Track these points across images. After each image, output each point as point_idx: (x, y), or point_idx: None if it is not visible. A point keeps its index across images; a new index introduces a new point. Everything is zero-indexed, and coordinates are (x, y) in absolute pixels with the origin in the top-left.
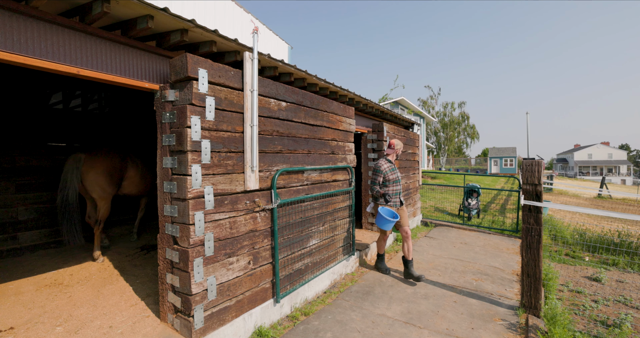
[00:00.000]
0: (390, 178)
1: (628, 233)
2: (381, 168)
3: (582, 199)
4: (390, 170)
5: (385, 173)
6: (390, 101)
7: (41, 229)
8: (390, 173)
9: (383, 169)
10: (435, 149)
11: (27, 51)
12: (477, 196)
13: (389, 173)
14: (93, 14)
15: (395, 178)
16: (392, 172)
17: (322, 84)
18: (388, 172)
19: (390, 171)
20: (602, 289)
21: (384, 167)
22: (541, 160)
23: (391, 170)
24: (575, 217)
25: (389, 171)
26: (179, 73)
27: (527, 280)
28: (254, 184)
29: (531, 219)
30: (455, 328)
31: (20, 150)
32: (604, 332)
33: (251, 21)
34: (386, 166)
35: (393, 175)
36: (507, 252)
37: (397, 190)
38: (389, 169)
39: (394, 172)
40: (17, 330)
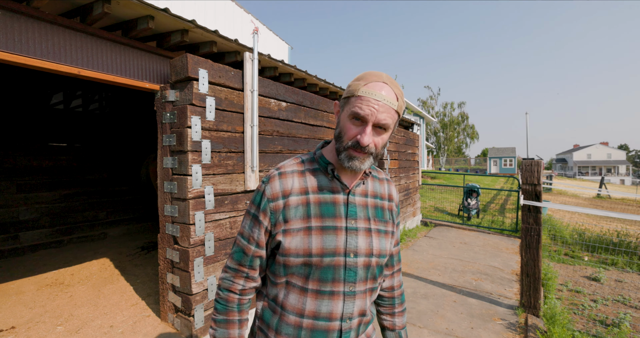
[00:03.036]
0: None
1: (627, 233)
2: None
3: (581, 199)
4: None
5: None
6: None
7: (42, 229)
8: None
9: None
10: (435, 149)
11: (29, 51)
12: (476, 196)
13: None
14: (94, 14)
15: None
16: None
17: (322, 84)
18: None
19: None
20: (601, 289)
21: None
22: (540, 160)
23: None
24: (575, 217)
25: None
26: (180, 73)
27: (527, 279)
28: (254, 184)
29: (530, 219)
30: (454, 328)
31: (22, 150)
32: (602, 331)
33: (251, 22)
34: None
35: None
36: (506, 252)
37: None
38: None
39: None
40: (19, 329)
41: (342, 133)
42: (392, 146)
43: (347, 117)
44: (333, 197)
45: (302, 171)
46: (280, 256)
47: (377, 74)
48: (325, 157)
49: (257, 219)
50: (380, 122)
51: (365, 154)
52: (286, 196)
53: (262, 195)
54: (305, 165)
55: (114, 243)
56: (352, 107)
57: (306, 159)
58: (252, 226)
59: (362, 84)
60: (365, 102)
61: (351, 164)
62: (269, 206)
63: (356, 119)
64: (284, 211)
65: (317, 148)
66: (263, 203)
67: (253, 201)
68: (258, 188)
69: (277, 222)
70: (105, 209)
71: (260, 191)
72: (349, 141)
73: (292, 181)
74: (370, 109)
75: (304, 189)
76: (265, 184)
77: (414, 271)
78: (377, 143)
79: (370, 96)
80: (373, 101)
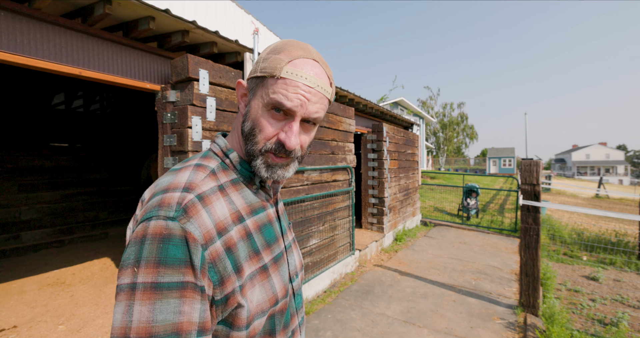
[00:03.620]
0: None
1: (625, 233)
2: None
3: (580, 199)
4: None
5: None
6: (390, 101)
7: (44, 228)
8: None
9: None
10: (434, 150)
11: (30, 52)
12: (476, 196)
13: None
14: (95, 15)
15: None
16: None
17: None
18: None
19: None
20: (599, 288)
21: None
22: (539, 160)
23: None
24: (573, 217)
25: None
26: (180, 74)
27: (526, 279)
28: None
29: (529, 219)
30: (454, 327)
31: (23, 150)
32: (601, 331)
33: (252, 22)
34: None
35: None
36: (505, 252)
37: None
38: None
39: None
40: (21, 328)
41: (254, 129)
42: (392, 146)
43: (262, 107)
44: (267, 214)
45: (221, 187)
46: (238, 332)
47: (304, 46)
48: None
49: (191, 288)
50: (311, 116)
51: (289, 158)
52: (222, 232)
53: (187, 242)
54: (219, 178)
55: (115, 242)
56: (272, 93)
57: (216, 167)
58: (180, 306)
59: (285, 59)
60: (292, 89)
61: (272, 174)
62: (206, 257)
63: (277, 111)
64: (229, 256)
65: (221, 147)
66: (194, 256)
67: (165, 261)
68: (167, 234)
69: (224, 278)
70: (106, 209)
71: (178, 238)
72: (267, 143)
73: (220, 206)
74: (299, 98)
75: (237, 215)
76: (180, 222)
77: (414, 271)
78: (304, 142)
79: (299, 80)
80: (303, 86)
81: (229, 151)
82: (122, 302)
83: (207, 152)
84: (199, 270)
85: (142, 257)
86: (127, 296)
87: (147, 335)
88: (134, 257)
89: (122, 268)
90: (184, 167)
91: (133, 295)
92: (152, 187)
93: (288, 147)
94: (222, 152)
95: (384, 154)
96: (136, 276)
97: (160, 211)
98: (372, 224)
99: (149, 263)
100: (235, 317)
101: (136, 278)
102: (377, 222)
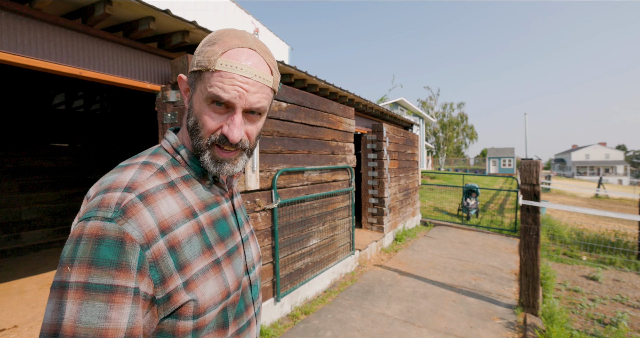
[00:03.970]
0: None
1: (625, 233)
2: None
3: (579, 199)
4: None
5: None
6: (390, 101)
7: (44, 228)
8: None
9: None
10: (434, 150)
11: (31, 52)
12: (475, 196)
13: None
14: (95, 15)
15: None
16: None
17: (322, 85)
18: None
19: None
20: (599, 288)
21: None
22: (539, 160)
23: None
24: (573, 217)
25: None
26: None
27: (525, 279)
28: (254, 184)
29: (529, 218)
30: (454, 327)
31: (24, 150)
32: (601, 330)
33: (252, 23)
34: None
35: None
36: (505, 251)
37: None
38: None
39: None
40: (21, 328)
41: (197, 124)
42: (392, 146)
43: (202, 102)
44: (221, 209)
45: (171, 184)
46: (187, 321)
47: (240, 34)
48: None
49: (121, 291)
50: (253, 106)
51: (236, 151)
52: (166, 230)
53: (123, 243)
54: (169, 174)
55: None
56: (209, 87)
57: (165, 164)
58: (107, 311)
59: (219, 51)
60: (228, 81)
61: (220, 169)
62: (146, 256)
63: (217, 105)
64: (172, 254)
65: (172, 143)
66: (131, 256)
67: (96, 262)
68: (102, 235)
69: (165, 277)
70: None
71: (113, 238)
72: (211, 136)
73: (169, 204)
74: (236, 89)
75: (190, 211)
76: (117, 222)
77: (414, 271)
78: (251, 133)
79: (234, 71)
80: (239, 77)
81: (179, 147)
82: (53, 299)
83: (157, 149)
84: (135, 271)
85: (76, 256)
86: (58, 294)
87: (71, 335)
88: (69, 256)
89: (59, 265)
90: (130, 164)
91: (65, 293)
92: (97, 184)
93: (231, 140)
94: (173, 148)
95: (384, 154)
96: (69, 275)
97: (98, 211)
98: (372, 224)
99: (82, 263)
100: (183, 311)
101: (69, 277)
102: (377, 222)
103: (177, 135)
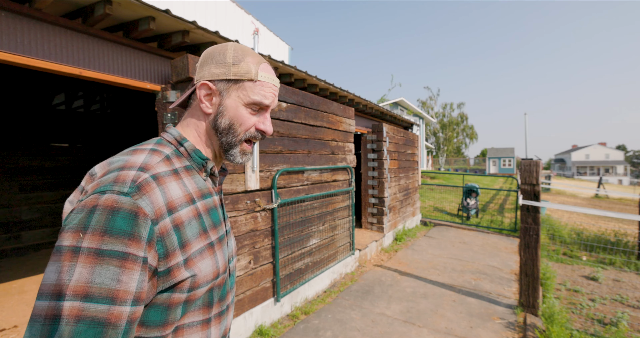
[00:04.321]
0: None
1: (625, 233)
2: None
3: (579, 199)
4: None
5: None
6: (390, 101)
7: (44, 228)
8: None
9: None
10: (434, 150)
11: (31, 52)
12: (475, 196)
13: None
14: (95, 15)
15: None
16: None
17: (322, 85)
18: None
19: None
20: (599, 288)
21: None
22: (539, 160)
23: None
24: (573, 217)
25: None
26: (180, 74)
27: (525, 279)
28: (254, 184)
29: (529, 218)
30: (454, 327)
31: (24, 150)
32: (601, 330)
33: (252, 23)
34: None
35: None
36: (505, 251)
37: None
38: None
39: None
40: (21, 328)
41: (234, 123)
42: (391, 146)
43: (240, 105)
44: (213, 200)
45: (175, 172)
46: (182, 293)
47: (253, 52)
48: (202, 152)
49: (132, 259)
50: (275, 107)
51: (253, 144)
52: (172, 211)
53: (136, 216)
54: (173, 163)
55: None
56: (253, 94)
57: (170, 153)
58: (119, 275)
59: (254, 66)
60: (267, 89)
61: (245, 159)
62: (155, 231)
63: (253, 108)
64: (176, 233)
65: (175, 137)
66: (142, 229)
67: (111, 231)
68: (117, 207)
69: (169, 252)
70: None
71: (128, 211)
72: (246, 133)
73: (174, 188)
74: (272, 96)
75: (190, 197)
76: (132, 197)
77: (414, 271)
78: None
79: (271, 82)
80: (273, 87)
81: (183, 140)
82: (61, 262)
83: (159, 140)
84: (145, 242)
85: (89, 225)
86: (68, 257)
87: (84, 293)
88: (81, 223)
89: (66, 231)
90: (139, 149)
91: (76, 257)
92: (104, 164)
93: (268, 133)
94: (177, 141)
95: (383, 154)
96: (81, 241)
97: (114, 186)
98: (372, 224)
99: (96, 231)
100: (180, 285)
101: (81, 243)
102: (377, 222)
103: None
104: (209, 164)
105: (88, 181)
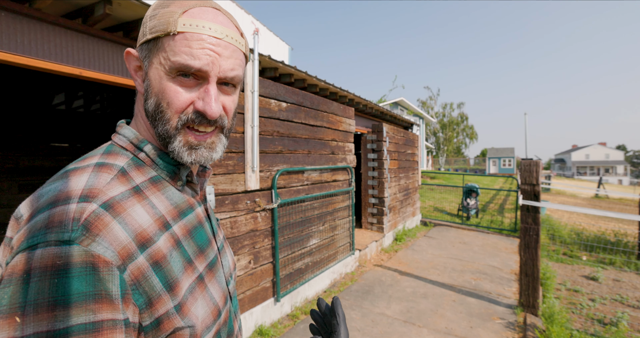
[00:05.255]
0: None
1: (624, 233)
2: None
3: (579, 199)
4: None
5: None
6: (390, 101)
7: None
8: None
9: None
10: (434, 150)
11: (31, 52)
12: (475, 196)
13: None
14: (95, 15)
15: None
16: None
17: (322, 85)
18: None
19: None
20: (599, 288)
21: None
22: (539, 160)
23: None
24: (573, 217)
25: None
26: None
27: (525, 279)
28: (254, 184)
29: (529, 218)
30: (454, 327)
31: (24, 150)
32: (601, 330)
33: (252, 23)
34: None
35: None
36: (505, 251)
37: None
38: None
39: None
40: None
41: (161, 104)
42: (391, 146)
43: (164, 76)
44: (196, 215)
45: (137, 190)
46: None
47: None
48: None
49: (109, 327)
50: (227, 75)
51: (213, 132)
52: (145, 244)
53: (95, 269)
54: (132, 178)
55: None
56: (173, 54)
57: (126, 165)
58: None
59: (178, 11)
60: (196, 44)
61: (197, 157)
62: (126, 279)
63: (184, 76)
64: (157, 272)
65: (131, 139)
66: (109, 283)
67: (64, 300)
68: (63, 264)
69: (152, 299)
70: None
71: (80, 265)
72: (181, 116)
73: (139, 213)
74: (207, 53)
75: (162, 221)
76: (81, 244)
77: (414, 271)
78: (229, 107)
79: (202, 31)
80: (209, 39)
81: (141, 143)
82: None
83: (109, 147)
84: (119, 299)
85: (27, 301)
86: None
87: None
88: (14, 303)
89: None
90: (79, 168)
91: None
92: (32, 198)
93: (210, 115)
94: (133, 145)
95: (383, 154)
96: (21, 328)
97: (49, 234)
98: (372, 224)
99: (40, 308)
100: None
101: (22, 331)
102: (377, 222)
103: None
104: (182, 171)
105: (13, 228)
